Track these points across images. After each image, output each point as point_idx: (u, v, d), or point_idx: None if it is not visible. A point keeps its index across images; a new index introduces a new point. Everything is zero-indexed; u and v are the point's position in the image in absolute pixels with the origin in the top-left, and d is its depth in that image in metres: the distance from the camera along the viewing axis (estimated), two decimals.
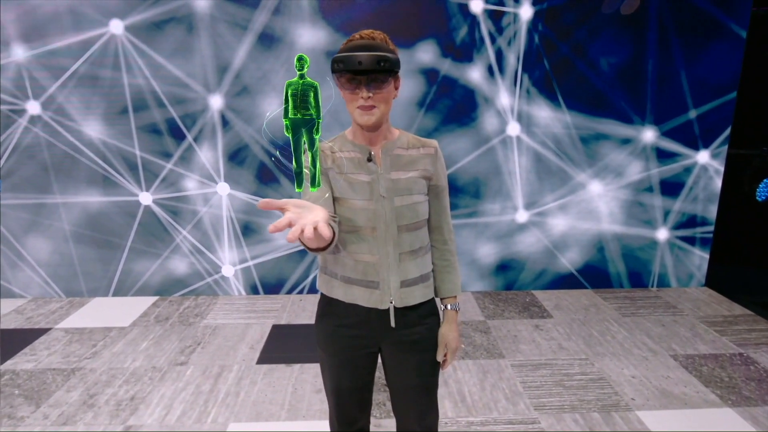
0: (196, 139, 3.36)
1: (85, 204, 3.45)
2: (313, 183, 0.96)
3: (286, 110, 0.93)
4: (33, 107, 3.28)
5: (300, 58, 0.92)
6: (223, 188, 3.45)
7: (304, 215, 0.90)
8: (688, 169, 3.58)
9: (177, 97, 3.29)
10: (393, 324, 1.29)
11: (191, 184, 3.44)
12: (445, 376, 2.59)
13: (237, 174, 3.44)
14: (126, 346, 2.92)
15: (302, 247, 3.54)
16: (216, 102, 3.30)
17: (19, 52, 3.19)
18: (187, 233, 3.52)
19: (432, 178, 1.33)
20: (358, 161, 1.26)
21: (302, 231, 0.84)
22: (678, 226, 3.68)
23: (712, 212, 3.67)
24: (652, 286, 3.81)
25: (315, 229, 0.87)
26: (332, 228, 1.13)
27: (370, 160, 1.26)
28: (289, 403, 2.37)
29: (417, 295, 1.31)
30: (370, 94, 1.15)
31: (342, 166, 1.25)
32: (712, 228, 3.71)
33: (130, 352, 2.85)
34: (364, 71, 1.11)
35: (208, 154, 3.39)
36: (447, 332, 1.36)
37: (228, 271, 3.61)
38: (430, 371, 1.37)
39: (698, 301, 3.56)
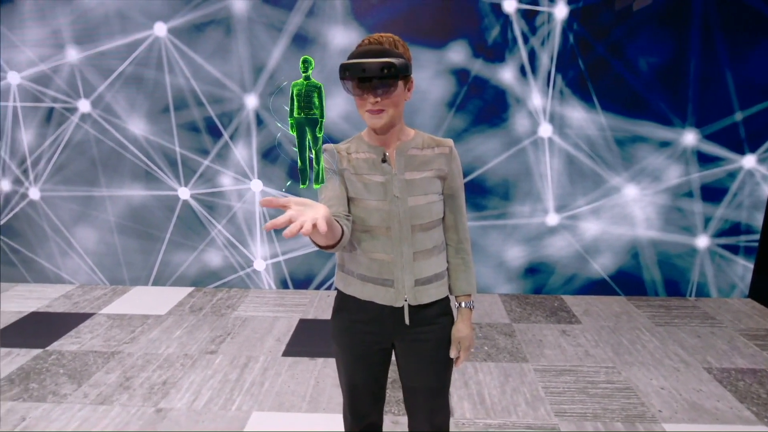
0: (232, 137, 3.49)
1: (128, 197, 3.65)
2: (316, 180, 0.99)
3: (291, 110, 0.97)
4: (84, 105, 3.49)
5: (305, 61, 0.96)
6: (256, 185, 3.57)
7: (305, 212, 0.92)
8: (732, 174, 3.42)
9: (215, 97, 3.43)
10: (407, 321, 1.32)
11: (226, 180, 3.57)
12: (465, 377, 2.59)
13: (270, 171, 3.54)
14: (161, 333, 3.08)
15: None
16: (251, 101, 3.41)
17: (73, 54, 3.40)
18: (221, 227, 3.66)
19: (447, 177, 1.34)
20: (372, 162, 1.29)
21: (302, 227, 0.88)
22: (720, 234, 3.52)
23: (758, 220, 3.49)
24: (690, 296, 3.66)
25: (314, 226, 0.90)
26: (340, 225, 1.16)
27: (384, 161, 1.29)
28: (311, 396, 2.44)
29: (431, 294, 1.33)
30: (378, 99, 1.16)
31: (357, 167, 1.29)
32: (757, 236, 3.52)
33: (164, 339, 3.00)
34: (369, 78, 1.13)
35: (243, 152, 3.51)
36: (460, 330, 1.37)
37: (259, 265, 3.73)
38: (442, 369, 1.39)
39: (739, 313, 3.39)
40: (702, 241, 3.54)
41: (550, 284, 3.68)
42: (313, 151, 0.96)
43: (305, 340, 2.98)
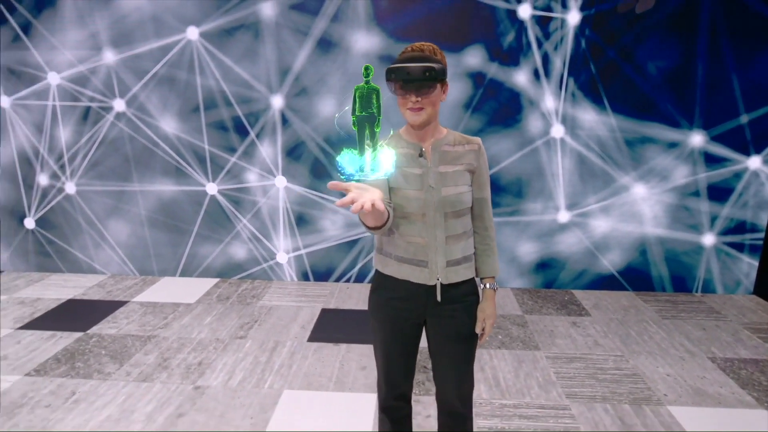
0: (258, 136, 3.67)
1: (159, 192, 3.84)
2: (372, 170, 1.16)
3: (354, 109, 1.13)
4: (119, 105, 3.69)
5: (366, 68, 1.12)
6: (280, 181, 3.75)
7: (364, 195, 1.11)
8: (738, 175, 3.55)
9: (243, 97, 3.61)
10: (439, 299, 1.48)
11: (252, 177, 3.76)
12: (481, 363, 2.75)
13: (293, 168, 3.72)
14: (192, 319, 3.26)
15: (351, 238, 3.79)
16: (277, 102, 3.60)
17: (109, 56, 3.60)
18: (246, 222, 3.85)
19: (475, 171, 1.51)
20: (410, 156, 1.46)
21: (362, 206, 1.06)
22: (726, 232, 3.65)
23: (763, 219, 3.62)
24: (697, 292, 3.79)
25: (372, 205, 1.08)
26: (387, 209, 1.33)
27: (421, 155, 1.46)
28: (337, 377, 2.61)
29: (460, 274, 1.49)
30: (419, 99, 1.35)
31: (397, 161, 1.45)
32: (762, 235, 3.65)
33: (196, 325, 3.19)
34: (413, 80, 1.31)
35: (269, 150, 3.70)
36: (485, 308, 1.54)
37: (282, 258, 3.91)
38: (468, 343, 1.55)
39: (744, 308, 3.52)
40: (708, 239, 3.67)
41: (560, 279, 3.83)
42: (371, 144, 1.11)
43: (328, 328, 3.16)
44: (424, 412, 2.32)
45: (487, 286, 1.57)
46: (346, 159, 1.10)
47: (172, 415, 2.28)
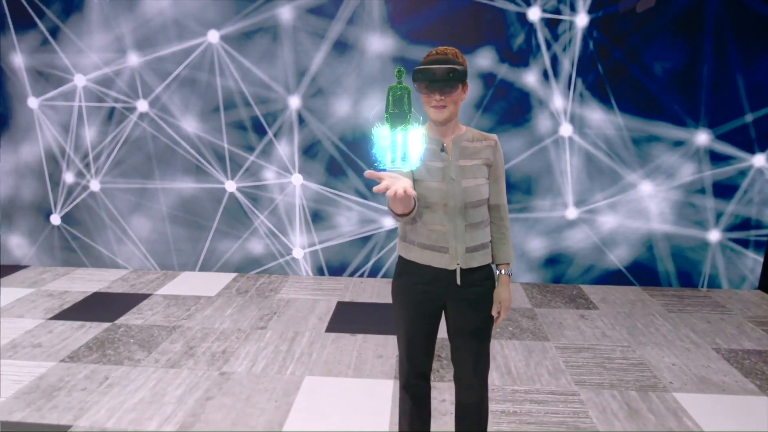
0: (275, 135, 3.81)
1: (180, 189, 3.99)
2: (403, 161, 1.28)
3: (386, 107, 1.25)
4: (142, 105, 3.84)
5: (399, 71, 1.24)
6: (297, 179, 3.88)
7: (396, 183, 1.24)
8: (743, 172, 3.64)
9: (261, 98, 3.75)
10: (459, 282, 1.60)
11: (270, 175, 3.89)
12: (493, 352, 2.86)
13: (309, 166, 3.85)
14: (214, 311, 3.40)
15: (365, 234, 3.91)
16: (294, 102, 3.73)
17: (134, 58, 3.75)
18: (264, 218, 3.98)
19: (492, 165, 1.64)
20: (433, 151, 1.58)
21: (395, 192, 1.19)
22: (731, 228, 3.74)
23: (767, 215, 3.70)
24: (702, 287, 3.88)
25: (405, 191, 1.21)
26: (414, 198, 1.45)
27: (443, 150, 1.58)
28: (355, 365, 2.73)
29: (478, 259, 1.61)
30: (442, 97, 1.48)
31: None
32: (767, 231, 3.74)
33: (218, 316, 3.32)
34: (437, 80, 1.44)
35: (286, 149, 3.83)
36: (501, 292, 1.66)
37: (298, 253, 4.04)
38: (485, 324, 1.67)
39: (749, 303, 3.61)
40: (714, 235, 3.76)
41: (569, 274, 3.93)
42: (400, 138, 1.23)
43: (345, 319, 3.28)
44: (439, 396, 2.43)
45: (503, 272, 1.68)
46: (381, 150, 1.22)
47: (201, 398, 2.42)
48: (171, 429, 2.19)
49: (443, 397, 2.44)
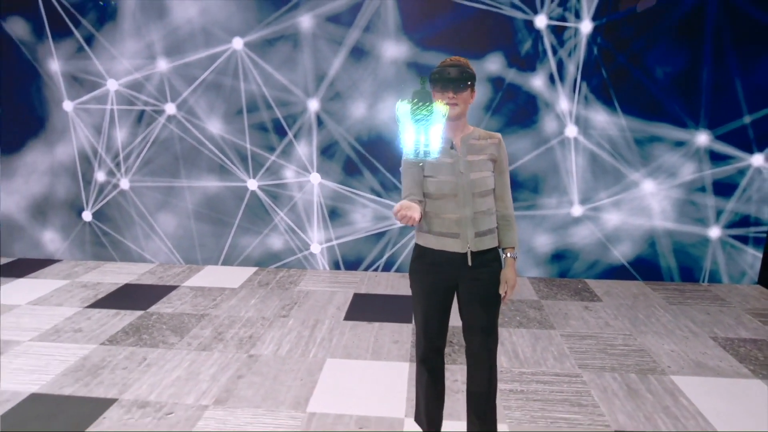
0: (295, 136, 4.03)
1: (204, 188, 4.22)
2: (427, 150, 1.48)
3: (412, 107, 1.45)
4: (170, 108, 4.08)
5: (423, 79, 1.45)
6: (315, 178, 4.10)
7: (408, 212, 1.53)
8: (742, 171, 3.80)
9: (282, 101, 3.97)
10: (470, 263, 1.81)
11: (289, 174, 4.12)
12: (501, 338, 3.05)
13: (327, 166, 4.07)
14: (239, 301, 3.62)
15: (379, 230, 4.11)
16: (313, 105, 3.95)
17: (163, 64, 4.00)
18: (283, 215, 4.20)
19: (497, 160, 1.85)
20: (443, 149, 1.79)
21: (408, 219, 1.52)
22: (731, 225, 3.90)
23: (766, 213, 3.86)
24: (703, 282, 4.04)
25: (413, 219, 1.53)
26: (421, 211, 1.71)
27: (452, 147, 1.79)
28: (373, 348, 2.93)
29: (486, 243, 1.82)
30: (455, 95, 1.71)
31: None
32: (765, 228, 3.89)
33: (242, 306, 3.54)
34: (452, 80, 1.67)
35: (305, 149, 4.05)
36: (507, 273, 1.86)
37: (315, 248, 4.26)
38: (494, 301, 1.86)
39: (748, 296, 3.76)
40: (714, 232, 3.92)
41: (574, 269, 4.11)
42: (423, 133, 1.43)
43: (362, 309, 3.49)
44: (452, 377, 2.63)
45: (509, 255, 1.88)
46: (407, 143, 1.44)
47: (233, 376, 2.63)
48: (207, 403, 2.41)
49: (456, 377, 2.63)
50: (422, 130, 1.42)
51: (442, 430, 2.15)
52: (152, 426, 2.24)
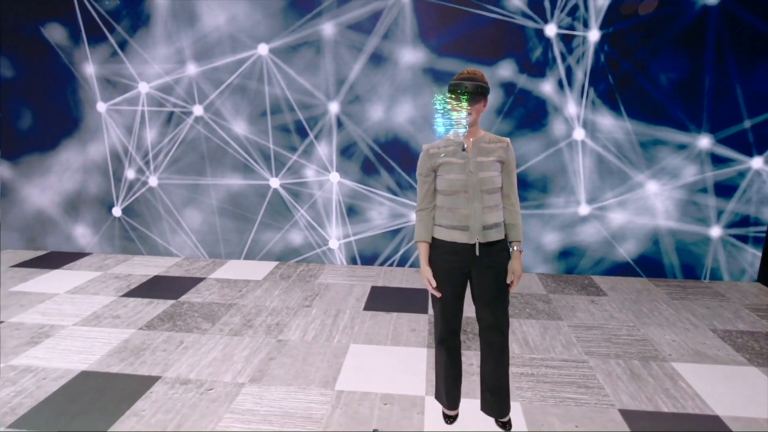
0: (316, 137, 4.25)
1: (229, 185, 4.45)
2: (451, 129, 1.71)
3: (440, 103, 1.69)
4: (198, 110, 4.31)
5: (448, 85, 1.68)
6: (334, 177, 4.31)
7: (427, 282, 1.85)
8: (742, 174, 3.98)
9: (304, 104, 4.20)
10: (477, 254, 2.02)
11: (310, 173, 4.34)
12: (512, 328, 3.25)
13: (346, 166, 4.29)
14: (263, 292, 3.84)
15: (395, 227, 4.32)
16: (333, 107, 4.17)
17: (191, 68, 4.23)
18: (304, 212, 4.42)
19: (504, 162, 2.06)
20: (456, 151, 2.01)
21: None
22: (731, 225, 4.08)
23: (765, 213, 4.04)
24: (705, 279, 4.22)
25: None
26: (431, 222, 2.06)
27: (464, 149, 2.01)
28: (392, 335, 3.14)
29: (493, 235, 2.03)
30: (468, 106, 1.92)
31: (447, 154, 2.01)
32: (765, 228, 4.07)
33: (267, 296, 3.76)
34: (467, 92, 1.88)
35: (325, 149, 4.27)
36: (514, 264, 2.07)
37: (334, 244, 4.47)
38: (503, 287, 2.08)
39: (748, 293, 3.95)
40: (715, 231, 4.11)
41: (580, 265, 4.30)
42: (452, 131, 1.67)
43: (380, 300, 3.70)
44: (467, 361, 2.83)
45: (515, 248, 2.10)
46: (439, 124, 1.68)
47: (265, 358, 2.85)
48: (243, 381, 2.62)
49: (471, 362, 2.83)
50: (449, 116, 1.67)
51: (460, 406, 2.36)
52: (196, 400, 2.46)
